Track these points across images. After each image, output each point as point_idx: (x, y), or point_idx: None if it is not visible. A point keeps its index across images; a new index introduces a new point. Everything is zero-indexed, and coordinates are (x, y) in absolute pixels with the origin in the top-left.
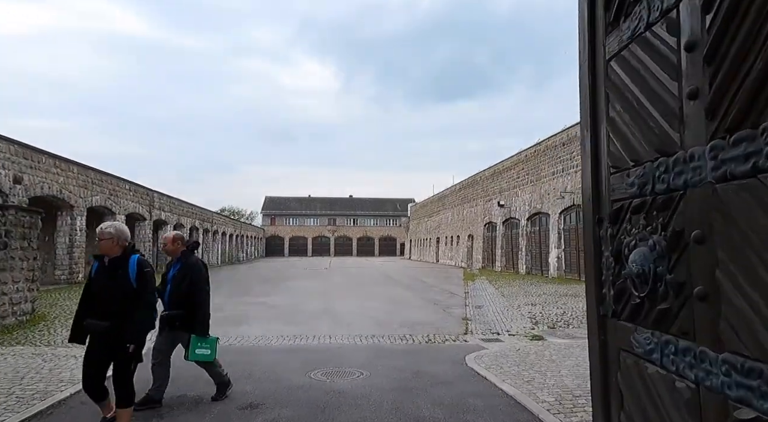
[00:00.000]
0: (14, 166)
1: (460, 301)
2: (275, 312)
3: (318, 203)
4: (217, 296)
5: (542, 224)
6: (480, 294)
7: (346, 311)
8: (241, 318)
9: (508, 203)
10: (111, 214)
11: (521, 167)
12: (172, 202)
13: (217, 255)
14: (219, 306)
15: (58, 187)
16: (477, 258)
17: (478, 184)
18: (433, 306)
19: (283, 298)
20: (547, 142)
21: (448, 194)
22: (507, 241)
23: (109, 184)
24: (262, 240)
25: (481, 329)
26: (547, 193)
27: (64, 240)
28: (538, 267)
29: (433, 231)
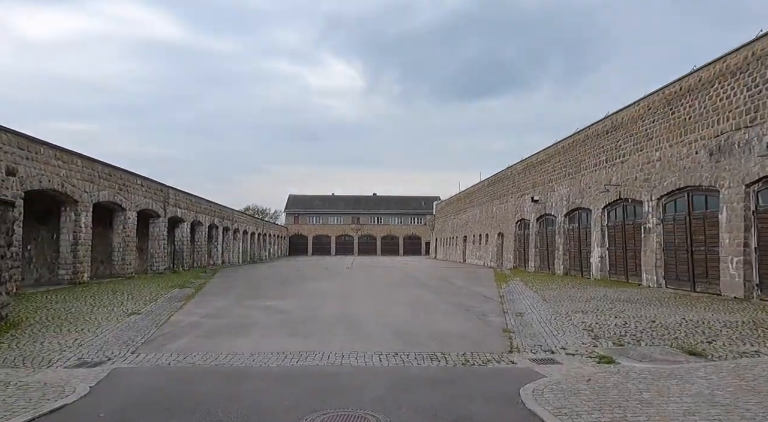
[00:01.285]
0: (7, 157)
1: (495, 307)
2: (283, 319)
3: (341, 201)
4: (225, 298)
5: (582, 220)
6: (518, 299)
7: (364, 318)
8: (241, 326)
9: (543, 198)
10: (121, 210)
11: (557, 159)
12: (189, 199)
13: (238, 254)
14: (222, 311)
15: (59, 180)
16: (508, 258)
17: (509, 178)
18: (465, 313)
19: (296, 302)
20: (587, 130)
21: (476, 190)
22: (541, 240)
23: (118, 179)
24: (285, 239)
25: (529, 345)
26: (588, 187)
27: (68, 237)
28: (577, 267)
29: (459, 229)
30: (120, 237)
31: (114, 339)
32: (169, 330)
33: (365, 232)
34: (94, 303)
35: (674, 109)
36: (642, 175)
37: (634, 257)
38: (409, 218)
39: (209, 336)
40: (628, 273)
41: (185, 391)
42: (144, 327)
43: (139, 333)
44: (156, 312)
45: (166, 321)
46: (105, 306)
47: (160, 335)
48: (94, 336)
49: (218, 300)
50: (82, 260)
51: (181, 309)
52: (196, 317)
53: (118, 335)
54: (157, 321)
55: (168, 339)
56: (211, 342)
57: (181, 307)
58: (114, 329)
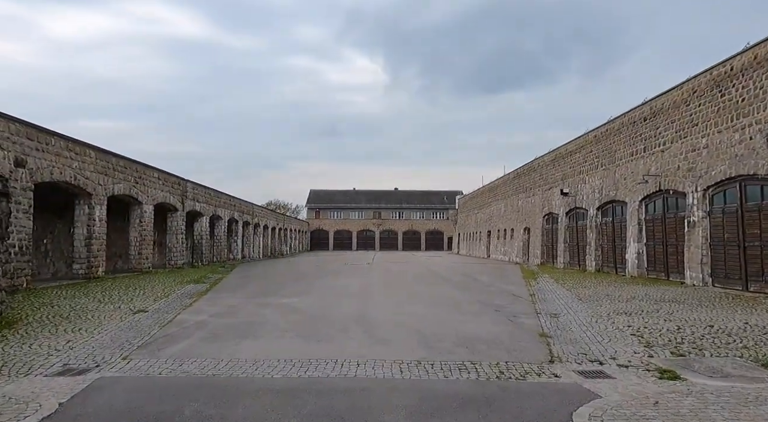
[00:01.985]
0: (15, 147)
1: (527, 307)
2: (296, 319)
3: (363, 196)
4: (239, 295)
5: (617, 214)
6: (550, 298)
7: (384, 319)
8: (250, 327)
9: (573, 191)
10: (137, 204)
11: (589, 149)
12: (207, 193)
13: (258, 249)
14: (232, 309)
15: (71, 172)
16: (535, 254)
17: (536, 171)
18: (494, 314)
19: (313, 300)
20: (622, 118)
21: (501, 184)
22: (571, 234)
23: (134, 172)
24: (306, 233)
25: (571, 353)
26: (623, 178)
27: (82, 231)
28: (610, 263)
29: (483, 224)
30: (136, 231)
31: (110, 341)
32: (172, 331)
33: (386, 227)
34: (103, 299)
35: (724, 92)
36: (685, 164)
37: (675, 253)
38: (431, 213)
39: (213, 339)
40: (668, 271)
41: (168, 412)
42: (146, 327)
43: (139, 334)
44: (163, 310)
45: (171, 321)
46: (113, 303)
47: (161, 337)
48: (90, 338)
49: (231, 297)
50: (97, 254)
51: (190, 307)
52: (204, 316)
53: (115, 336)
54: (162, 320)
55: (167, 342)
56: (213, 347)
57: (190, 305)
58: (114, 329)
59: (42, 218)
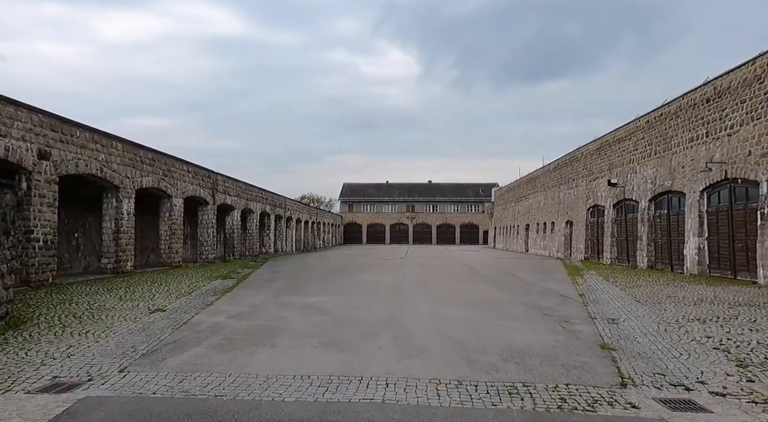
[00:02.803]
0: (39, 139)
1: (578, 310)
2: (321, 322)
3: (396, 189)
4: (264, 292)
5: (673, 206)
6: (603, 299)
7: (417, 323)
8: (269, 331)
9: (622, 181)
10: (167, 198)
11: (640, 136)
12: (238, 186)
13: (291, 243)
14: (254, 309)
15: (98, 164)
16: (578, 248)
17: (579, 161)
18: (542, 318)
19: (340, 299)
20: (680, 100)
21: (540, 175)
22: (619, 228)
23: (162, 164)
24: (339, 227)
25: (646, 373)
26: (681, 166)
27: (110, 225)
28: (665, 260)
29: (521, 217)
30: (166, 225)
31: (114, 347)
32: (184, 336)
33: (420, 221)
34: (124, 296)
35: None
36: (759, 149)
37: (744, 249)
38: (465, 206)
39: (226, 346)
40: (735, 269)
41: None
42: (158, 329)
43: (148, 338)
44: (182, 310)
45: (186, 322)
46: (133, 301)
47: (170, 342)
48: (94, 343)
49: (256, 295)
50: (125, 249)
51: (210, 306)
52: (222, 317)
53: (122, 341)
54: (178, 321)
55: (174, 350)
56: (223, 357)
57: (211, 304)
58: (123, 332)
59: (73, 212)
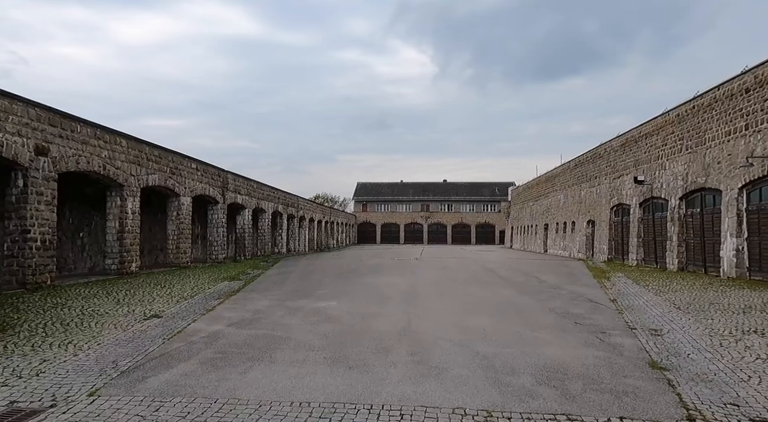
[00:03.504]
0: (36, 134)
1: (613, 318)
2: (328, 331)
3: (410, 188)
4: (270, 296)
5: (707, 204)
6: (638, 305)
7: (435, 334)
8: (270, 344)
9: (649, 178)
10: (174, 196)
11: (670, 130)
12: (250, 185)
13: (304, 243)
14: (257, 316)
15: (100, 161)
16: (600, 249)
17: (602, 158)
18: (574, 328)
19: (351, 304)
20: (715, 91)
21: (560, 173)
22: (646, 228)
23: (169, 162)
24: (353, 227)
25: (715, 403)
26: (716, 162)
27: (114, 224)
28: (698, 261)
29: (539, 216)
30: (174, 224)
31: (93, 362)
32: (174, 348)
33: (435, 220)
34: (122, 300)
35: None
36: None
37: None
38: (481, 205)
39: (218, 362)
40: None
41: None
42: (148, 340)
43: (135, 351)
44: (180, 316)
45: (181, 331)
46: (130, 305)
47: (158, 356)
48: (71, 357)
49: (262, 299)
50: (130, 249)
51: (211, 312)
52: (222, 325)
53: (104, 354)
54: (172, 330)
55: (160, 366)
56: (213, 376)
57: (213, 308)
58: (109, 343)
59: (78, 210)
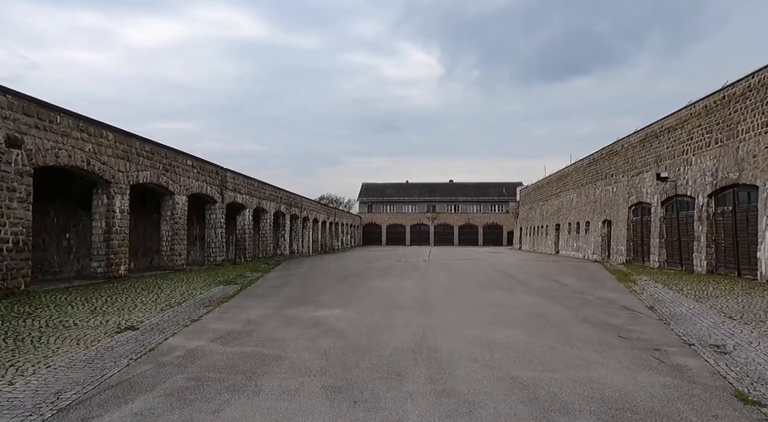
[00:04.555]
0: (8, 124)
1: (660, 330)
2: (329, 348)
3: (416, 189)
4: (267, 303)
5: (741, 201)
6: (683, 314)
7: (457, 352)
8: (259, 365)
9: (673, 175)
10: (168, 195)
11: (696, 123)
12: (250, 184)
13: (307, 244)
14: (248, 328)
15: (83, 155)
16: (618, 250)
17: (619, 154)
18: (621, 344)
19: (356, 313)
20: (749, 80)
21: (572, 171)
22: (670, 227)
23: (162, 158)
24: (359, 228)
25: None
26: (751, 155)
27: (100, 224)
28: (730, 264)
29: (550, 216)
30: (168, 224)
31: (32, 393)
32: (140, 372)
33: (441, 221)
34: (99, 308)
35: None
36: None
37: None
38: (489, 206)
39: (188, 394)
40: None
41: None
42: (111, 360)
43: (90, 376)
44: (159, 328)
45: (154, 348)
46: (106, 314)
47: (115, 384)
48: (6, 387)
49: (257, 307)
50: (118, 251)
51: (197, 322)
52: (205, 339)
53: (47, 382)
54: (144, 346)
55: (113, 399)
56: (176, 416)
57: (200, 318)
58: (63, 364)
59: (64, 209)
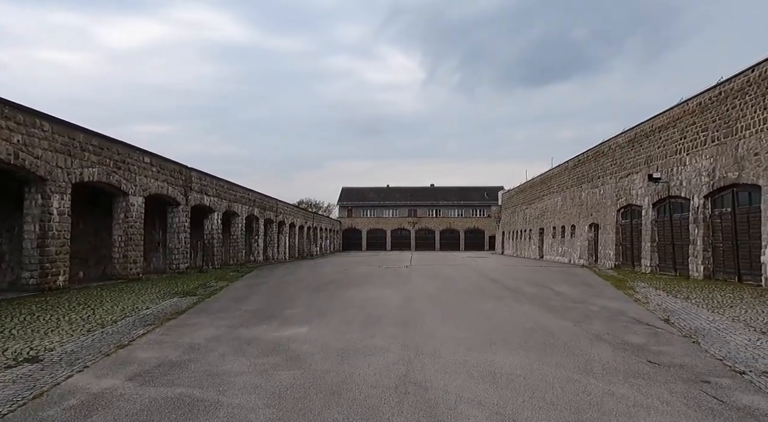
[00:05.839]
0: None
1: (692, 351)
2: (286, 387)
3: (397, 193)
4: (220, 320)
5: (741, 202)
6: (706, 329)
7: (453, 390)
8: (183, 419)
9: (666, 175)
10: (122, 195)
11: (690, 121)
12: (219, 185)
13: (284, 250)
14: (186, 358)
15: (10, 148)
16: (606, 255)
17: (606, 156)
18: (654, 372)
19: (327, 331)
20: (748, 74)
21: (556, 174)
22: (662, 231)
23: (114, 154)
24: (338, 233)
25: None
26: (752, 153)
27: (33, 228)
28: (730, 269)
29: (534, 220)
30: (121, 228)
31: None
32: None
33: (423, 226)
34: (5, 331)
35: None
36: None
37: None
38: (470, 210)
39: None
40: None
41: None
42: None
43: None
44: (69, 359)
45: (47, 391)
46: (10, 339)
47: None
48: None
49: (207, 325)
50: (55, 258)
51: (122, 349)
52: (121, 377)
53: None
54: (34, 388)
55: None
56: None
57: (129, 343)
58: None
59: None
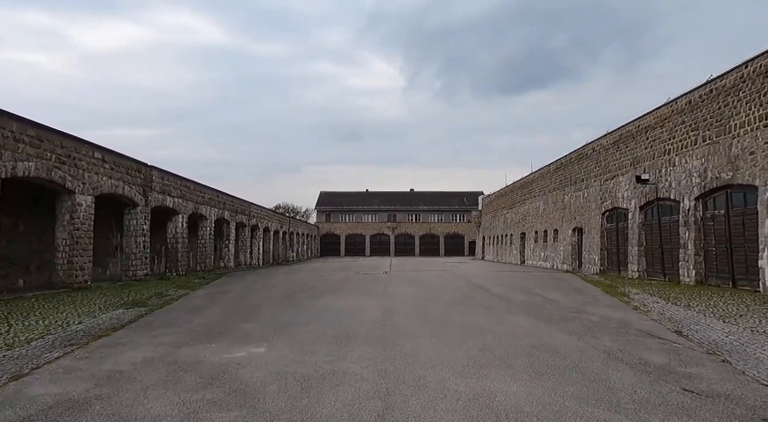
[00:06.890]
0: None
1: (727, 373)
2: None
3: (376, 198)
4: (162, 338)
5: (735, 204)
6: (729, 344)
7: None
8: None
9: (654, 177)
10: (67, 193)
11: (679, 120)
12: (184, 185)
13: (257, 255)
14: (97, 393)
15: None
16: (591, 260)
17: (590, 158)
18: (702, 408)
19: (288, 352)
20: (742, 70)
21: (538, 178)
22: (650, 234)
23: (57, 147)
24: (316, 238)
25: None
26: (747, 152)
27: None
28: (723, 273)
29: (515, 225)
30: (65, 231)
31: None
32: None
33: (402, 231)
34: None
35: None
36: None
37: None
38: (450, 215)
39: None
40: None
41: None
42: None
43: None
44: None
45: None
46: None
47: None
48: None
49: (144, 344)
50: None
51: (17, 381)
52: None
53: None
54: None
55: None
56: None
57: (32, 371)
58: None
59: None
